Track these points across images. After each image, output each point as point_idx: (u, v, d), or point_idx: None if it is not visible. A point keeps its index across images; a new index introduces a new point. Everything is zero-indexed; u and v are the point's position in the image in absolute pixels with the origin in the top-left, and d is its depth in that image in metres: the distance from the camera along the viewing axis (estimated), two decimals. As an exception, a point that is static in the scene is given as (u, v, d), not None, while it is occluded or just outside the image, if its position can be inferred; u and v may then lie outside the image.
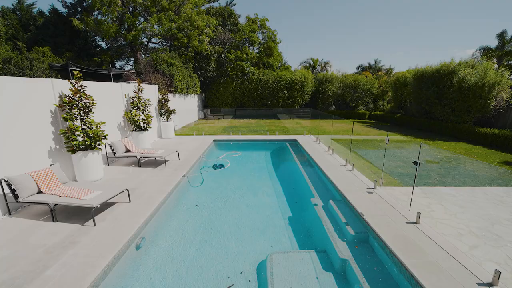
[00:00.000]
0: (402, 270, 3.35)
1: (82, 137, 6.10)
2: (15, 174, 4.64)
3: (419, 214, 4.38)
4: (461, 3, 53.94)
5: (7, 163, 4.70)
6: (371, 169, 7.85)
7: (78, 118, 6.09)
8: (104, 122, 6.67)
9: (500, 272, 2.92)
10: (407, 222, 4.42)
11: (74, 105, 5.96)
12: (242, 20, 26.95)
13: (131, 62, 26.95)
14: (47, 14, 24.19)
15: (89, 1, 20.60)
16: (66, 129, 5.80)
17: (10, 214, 4.69)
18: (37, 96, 5.45)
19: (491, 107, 13.20)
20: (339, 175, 7.03)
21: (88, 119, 6.22)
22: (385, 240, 3.88)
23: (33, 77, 13.37)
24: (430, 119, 16.23)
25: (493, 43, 25.80)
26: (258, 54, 26.85)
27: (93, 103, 6.34)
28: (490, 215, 4.95)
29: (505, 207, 5.29)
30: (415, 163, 4.62)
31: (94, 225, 4.30)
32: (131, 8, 20.80)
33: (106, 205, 5.02)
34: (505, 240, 4.12)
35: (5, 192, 4.61)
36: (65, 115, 5.83)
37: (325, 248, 4.19)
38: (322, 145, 10.96)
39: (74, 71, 6.30)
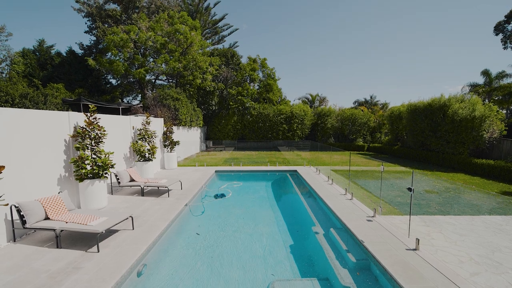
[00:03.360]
0: (404, 295, 3.35)
1: (91, 166, 6.38)
2: (26, 200, 4.82)
3: (418, 241, 4.44)
4: (451, 39, 58.49)
5: (20, 189, 4.91)
6: (370, 199, 7.95)
7: (89, 148, 6.45)
8: (112, 152, 7.01)
9: (499, 295, 2.96)
10: (407, 249, 4.46)
11: (87, 136, 6.37)
12: (244, 60, 29.12)
13: (138, 98, 28.44)
14: (64, 54, 26.28)
15: (104, 44, 22.62)
16: (77, 157, 6.11)
17: (15, 240, 4.76)
18: (54, 127, 5.88)
19: (484, 139, 13.63)
20: (339, 204, 7.12)
21: (98, 149, 6.57)
22: (386, 266, 3.91)
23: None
24: (427, 151, 16.59)
25: (480, 79, 27.48)
26: (258, 90, 28.41)
27: (104, 134, 6.76)
28: (490, 242, 4.97)
29: (505, 235, 5.32)
30: (409, 189, 4.82)
31: (98, 251, 4.35)
32: (141, 50, 22.72)
33: (109, 232, 5.09)
34: (505, 267, 4.13)
35: (13, 218, 4.75)
36: (77, 145, 6.20)
37: (327, 275, 4.18)
38: (322, 176, 11.14)
39: (89, 105, 6.84)
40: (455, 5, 54.43)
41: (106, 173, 6.61)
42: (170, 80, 26.08)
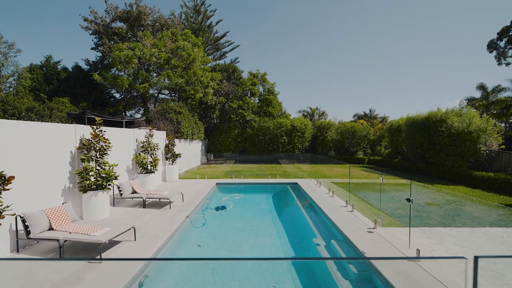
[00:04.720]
0: (405, 306, 3.36)
1: (95, 177, 6.49)
2: (31, 210, 4.90)
3: (418, 252, 4.47)
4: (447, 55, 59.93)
5: (25, 199, 5.01)
6: (371, 211, 7.96)
7: (93, 159, 6.59)
8: (117, 164, 7.14)
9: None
10: (408, 260, 4.47)
11: (92, 148, 6.53)
12: (245, 75, 29.86)
13: (141, 111, 28.96)
14: (70, 70, 27.02)
15: (110, 60, 23.38)
16: (82, 169, 6.23)
17: (18, 251, 4.79)
18: (61, 139, 6.06)
19: (482, 152, 13.72)
20: (340, 216, 7.14)
21: (103, 160, 6.71)
22: (388, 277, 3.92)
23: (51, 124, 14.41)
24: (427, 164, 16.64)
25: (477, 93, 28.00)
26: (259, 104, 28.92)
27: (109, 146, 6.92)
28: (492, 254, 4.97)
29: (507, 247, 5.32)
30: (408, 200, 4.89)
31: (100, 262, 4.38)
32: (145, 66, 23.44)
33: (112, 243, 5.12)
34: (508, 278, 4.13)
35: (18, 228, 4.80)
36: (82, 156, 6.34)
37: (329, 287, 4.17)
38: (323, 188, 11.17)
39: (96, 118, 7.06)
40: (452, 19, 56.36)
41: (109, 185, 6.70)
42: (173, 94, 26.65)
